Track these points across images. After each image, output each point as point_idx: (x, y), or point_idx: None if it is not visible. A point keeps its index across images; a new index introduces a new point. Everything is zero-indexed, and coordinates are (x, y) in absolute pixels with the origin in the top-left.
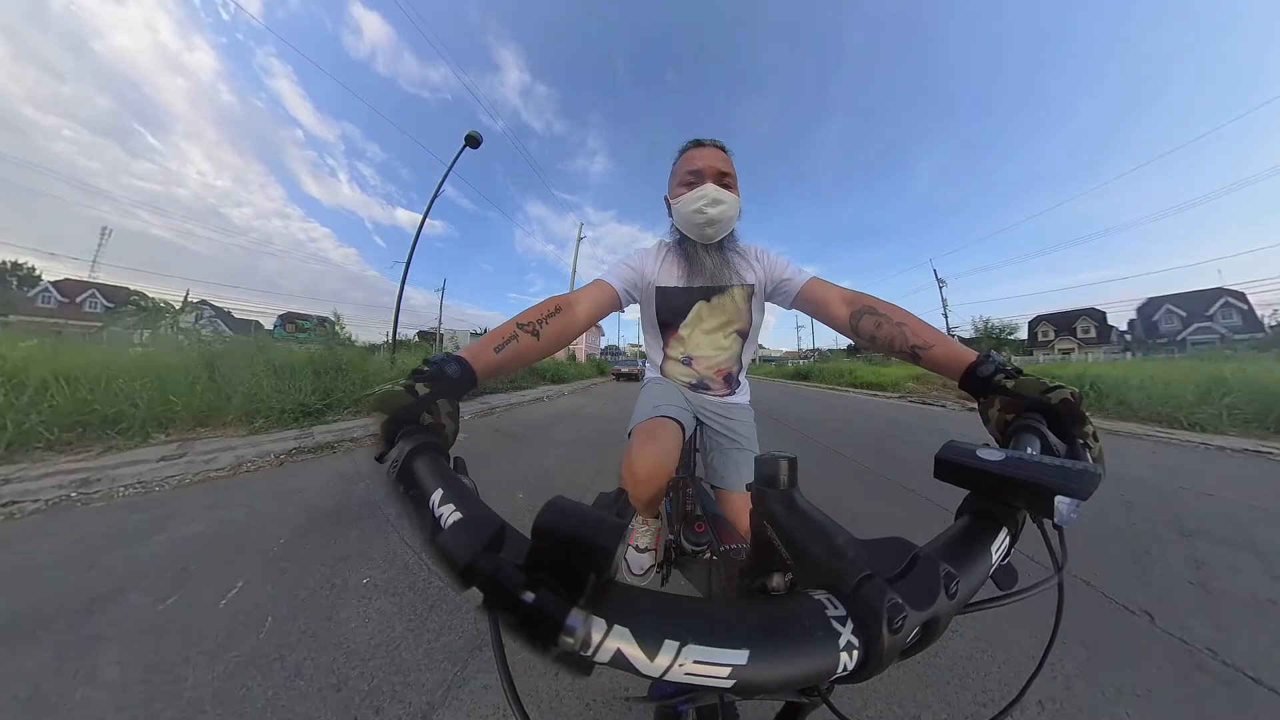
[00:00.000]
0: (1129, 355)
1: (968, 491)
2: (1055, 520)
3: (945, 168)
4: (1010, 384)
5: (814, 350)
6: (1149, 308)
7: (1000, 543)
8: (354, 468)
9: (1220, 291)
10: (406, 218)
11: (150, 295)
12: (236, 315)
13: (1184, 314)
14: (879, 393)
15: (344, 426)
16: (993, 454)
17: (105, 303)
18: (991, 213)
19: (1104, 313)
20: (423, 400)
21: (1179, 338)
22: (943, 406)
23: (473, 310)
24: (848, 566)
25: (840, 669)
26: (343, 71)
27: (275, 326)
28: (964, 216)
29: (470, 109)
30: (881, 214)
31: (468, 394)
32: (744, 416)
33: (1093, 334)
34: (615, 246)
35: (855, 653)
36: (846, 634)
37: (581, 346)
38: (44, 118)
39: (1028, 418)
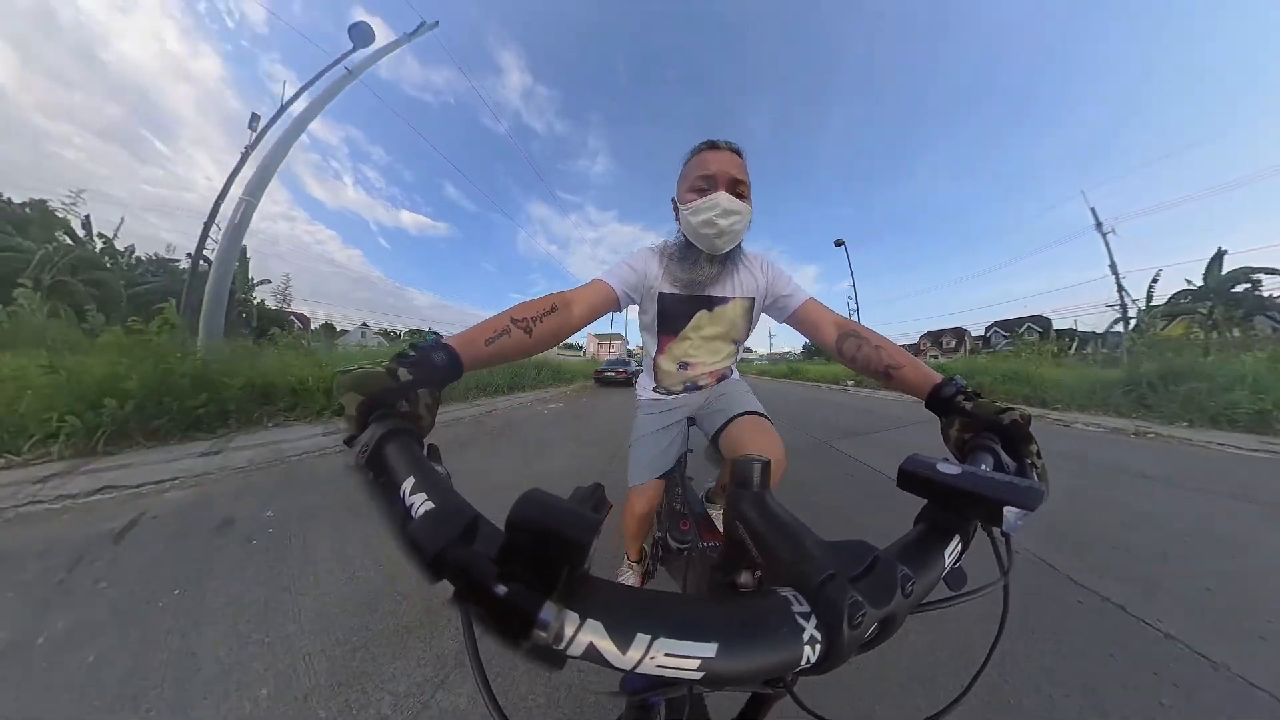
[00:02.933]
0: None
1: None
2: (1004, 528)
3: (952, 164)
4: (969, 405)
5: (785, 353)
6: (992, 328)
7: (953, 549)
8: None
9: (1026, 319)
10: (410, 219)
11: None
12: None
13: (1006, 334)
14: None
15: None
16: (950, 468)
17: (298, 324)
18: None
19: (966, 330)
20: (402, 386)
21: (998, 348)
22: None
23: (475, 311)
24: (813, 566)
25: (804, 661)
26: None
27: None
28: (970, 214)
29: (472, 111)
30: (883, 212)
31: (451, 385)
32: (735, 383)
33: (953, 345)
34: (617, 246)
35: (818, 646)
36: (810, 629)
37: (606, 355)
38: (55, 126)
39: (983, 437)
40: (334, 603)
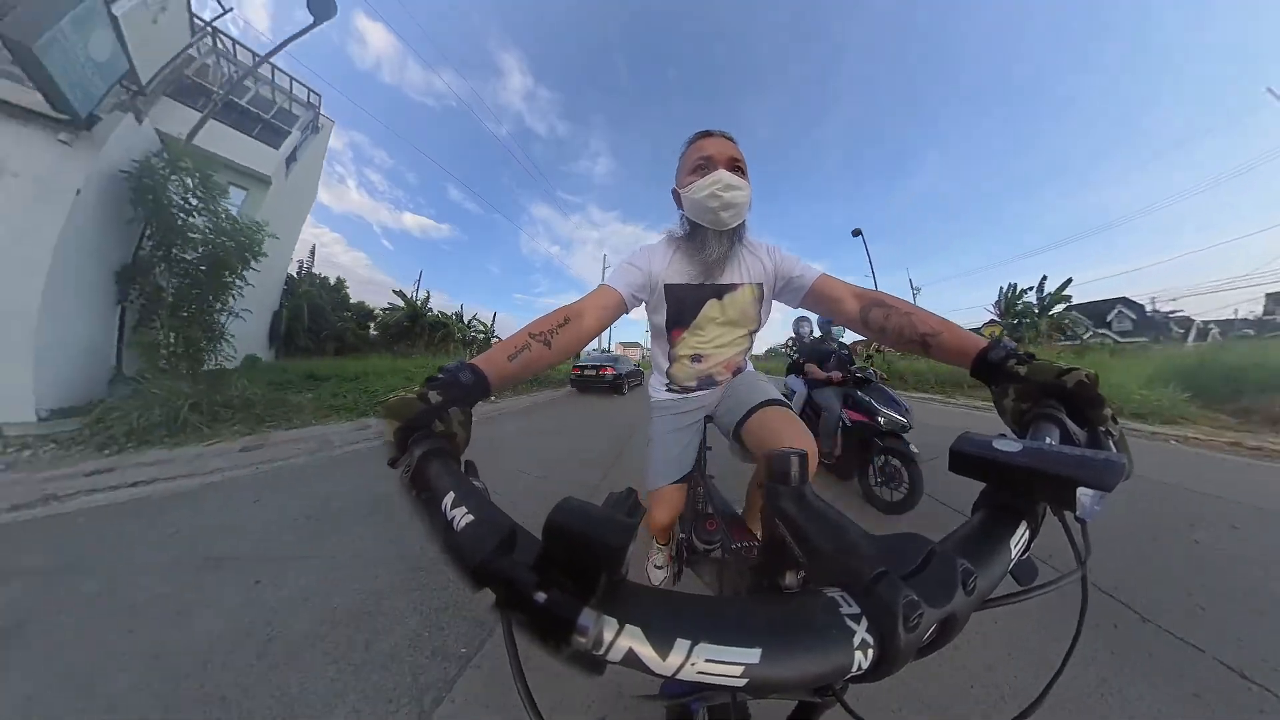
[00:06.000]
0: None
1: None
2: (1077, 514)
3: (951, 162)
4: (1023, 370)
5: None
6: None
7: (1020, 537)
8: None
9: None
10: (414, 221)
11: None
12: None
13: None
14: None
15: None
16: (1010, 445)
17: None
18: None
19: None
20: (435, 408)
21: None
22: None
23: (478, 312)
24: (862, 563)
25: (855, 668)
26: (349, 82)
27: None
28: (966, 213)
29: (476, 113)
30: (888, 210)
31: (481, 401)
32: (750, 374)
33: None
34: (620, 247)
35: (870, 651)
36: (861, 632)
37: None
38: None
39: (1045, 405)
40: None
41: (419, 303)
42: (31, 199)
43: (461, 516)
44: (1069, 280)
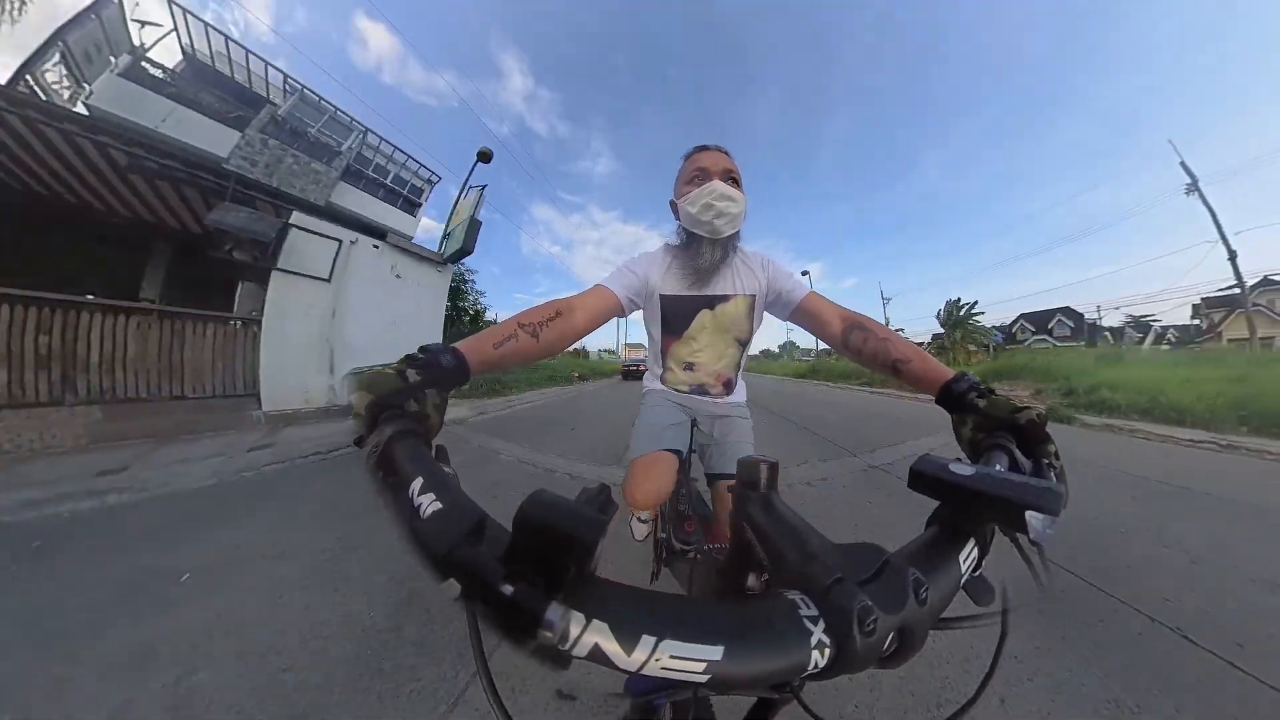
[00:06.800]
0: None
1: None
2: (1030, 536)
3: (950, 162)
4: (982, 403)
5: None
6: (1017, 321)
7: (969, 553)
8: None
9: (1056, 310)
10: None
11: None
12: None
13: (1033, 329)
14: None
15: None
16: (964, 469)
17: None
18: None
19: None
20: (411, 387)
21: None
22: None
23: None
24: (820, 569)
25: (811, 666)
26: (350, 83)
27: None
28: (969, 214)
29: (476, 115)
30: (888, 210)
31: (459, 387)
32: (740, 413)
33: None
34: (621, 247)
35: (827, 651)
36: (818, 633)
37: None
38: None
39: (998, 436)
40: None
41: (478, 313)
42: (433, 295)
43: (429, 503)
44: (976, 302)
